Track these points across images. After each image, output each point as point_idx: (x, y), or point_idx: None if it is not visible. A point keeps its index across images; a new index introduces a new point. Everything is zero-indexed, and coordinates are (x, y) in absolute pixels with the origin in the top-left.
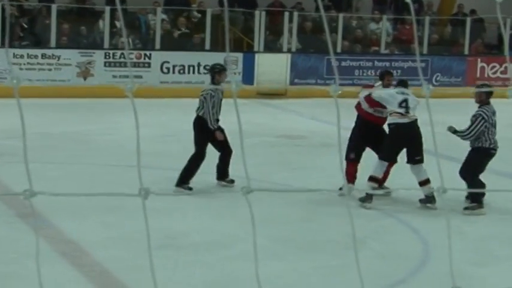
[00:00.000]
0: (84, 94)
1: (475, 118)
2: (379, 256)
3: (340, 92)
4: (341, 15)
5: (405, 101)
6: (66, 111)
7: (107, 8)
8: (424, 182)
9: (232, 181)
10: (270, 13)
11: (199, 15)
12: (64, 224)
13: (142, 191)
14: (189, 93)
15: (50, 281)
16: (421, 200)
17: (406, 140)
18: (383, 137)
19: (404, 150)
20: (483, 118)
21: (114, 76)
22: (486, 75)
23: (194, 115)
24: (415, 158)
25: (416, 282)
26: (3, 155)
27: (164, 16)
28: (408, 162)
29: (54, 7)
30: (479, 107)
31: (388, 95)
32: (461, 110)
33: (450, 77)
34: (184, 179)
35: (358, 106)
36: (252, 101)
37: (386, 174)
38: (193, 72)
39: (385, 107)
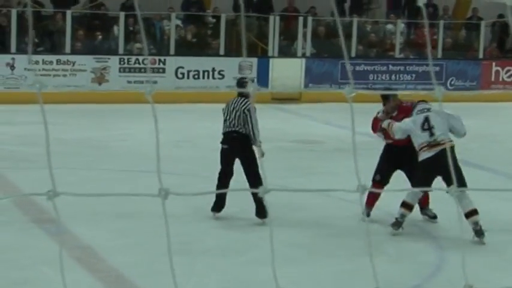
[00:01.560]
0: (99, 100)
1: None
2: (394, 261)
3: (354, 94)
4: (355, 20)
5: (426, 120)
6: (81, 117)
7: (122, 14)
8: (470, 214)
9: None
10: (284, 18)
11: (214, 20)
12: (79, 230)
13: (162, 192)
14: (204, 98)
15: (67, 286)
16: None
17: (437, 170)
18: (412, 159)
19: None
20: None
21: (129, 82)
22: (501, 79)
23: (210, 121)
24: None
25: None
26: (19, 161)
27: (179, 22)
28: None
29: (69, 13)
30: None
31: (409, 122)
32: (477, 114)
33: (465, 81)
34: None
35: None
36: (266, 106)
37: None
38: (208, 78)
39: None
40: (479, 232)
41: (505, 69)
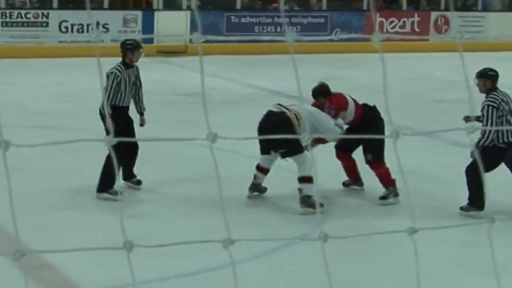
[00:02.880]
0: None
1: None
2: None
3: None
4: None
5: None
6: None
7: None
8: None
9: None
10: None
11: None
12: None
13: (2, 144)
14: (88, 52)
15: None
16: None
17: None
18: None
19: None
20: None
21: (12, 36)
22: (385, 30)
23: (94, 74)
24: (278, 150)
25: None
26: None
27: None
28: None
29: None
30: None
31: None
32: (360, 65)
33: (349, 32)
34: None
35: None
36: (152, 59)
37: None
38: (92, 31)
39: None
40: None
41: (389, 20)
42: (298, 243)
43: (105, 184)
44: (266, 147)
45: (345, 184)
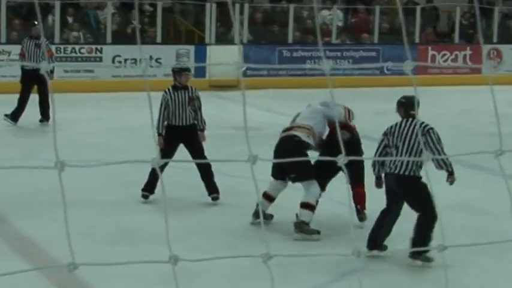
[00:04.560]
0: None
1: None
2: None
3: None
4: (292, 6)
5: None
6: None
7: (57, 3)
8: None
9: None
10: (221, 5)
11: (151, 8)
12: (17, 221)
13: (58, 164)
14: (141, 86)
15: (6, 278)
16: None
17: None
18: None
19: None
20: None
21: (66, 71)
22: (437, 63)
23: (147, 108)
24: (290, 175)
25: None
26: None
27: (114, 10)
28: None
29: (3, 2)
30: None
31: None
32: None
33: (401, 66)
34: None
35: None
36: (204, 94)
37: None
38: (151, 66)
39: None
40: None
41: (441, 53)
42: (347, 277)
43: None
44: (280, 172)
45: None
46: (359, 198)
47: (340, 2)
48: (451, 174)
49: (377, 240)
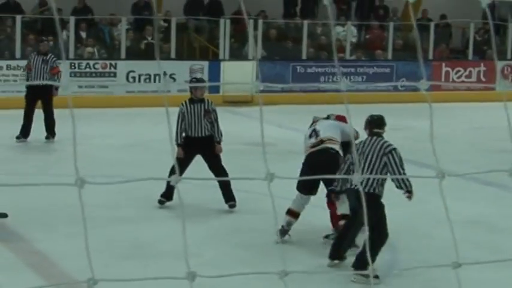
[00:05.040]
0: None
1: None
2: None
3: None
4: (306, 22)
5: (314, 130)
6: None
7: (72, 18)
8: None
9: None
10: (235, 21)
11: (166, 24)
12: (32, 236)
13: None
14: (156, 102)
15: None
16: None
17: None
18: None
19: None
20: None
21: (80, 86)
22: (451, 80)
23: (161, 124)
24: (329, 188)
25: None
26: None
27: (128, 26)
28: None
29: (18, 18)
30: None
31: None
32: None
33: (416, 82)
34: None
35: None
36: (218, 109)
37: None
38: (159, 81)
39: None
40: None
41: (455, 69)
42: None
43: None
44: (312, 186)
45: (327, 237)
46: (335, 218)
47: (354, 18)
48: (409, 192)
49: (340, 251)
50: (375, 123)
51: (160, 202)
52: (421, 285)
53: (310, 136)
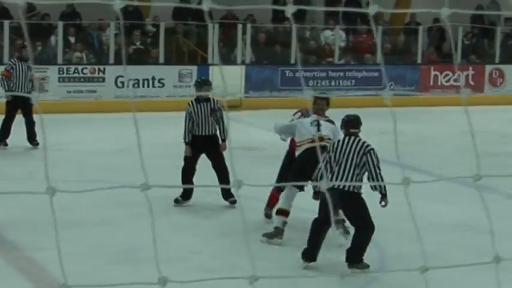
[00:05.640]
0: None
1: None
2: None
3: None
4: (294, 27)
5: (316, 120)
6: (20, 126)
7: (60, 23)
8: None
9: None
10: (223, 25)
11: (154, 29)
12: (20, 240)
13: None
14: (144, 106)
15: None
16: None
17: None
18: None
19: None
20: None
21: (69, 91)
22: (439, 83)
23: (149, 129)
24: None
25: None
26: None
27: (116, 31)
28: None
29: (6, 23)
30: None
31: (290, 122)
32: (416, 119)
33: (404, 86)
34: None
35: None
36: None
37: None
38: (148, 86)
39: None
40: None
41: (444, 73)
42: None
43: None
44: (304, 180)
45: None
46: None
47: (342, 23)
48: (384, 197)
49: (315, 252)
50: (351, 124)
51: (175, 201)
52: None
53: (312, 124)
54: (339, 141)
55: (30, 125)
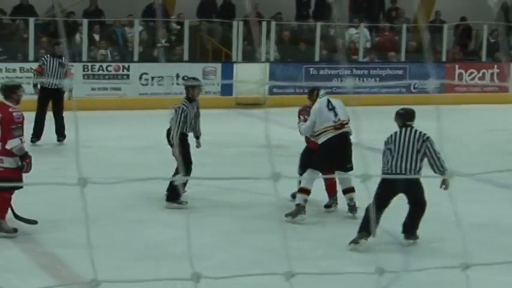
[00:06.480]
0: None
1: None
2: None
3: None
4: (319, 24)
5: (329, 101)
6: (46, 124)
7: (85, 21)
8: (347, 190)
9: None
10: (248, 23)
11: (179, 26)
12: (44, 237)
13: (81, 181)
14: (169, 104)
15: None
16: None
17: (340, 150)
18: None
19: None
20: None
21: (93, 88)
22: (464, 81)
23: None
24: (348, 165)
25: None
26: None
27: (141, 28)
28: (338, 169)
29: (32, 20)
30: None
31: (312, 114)
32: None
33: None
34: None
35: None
36: (231, 111)
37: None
38: (172, 83)
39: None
40: (352, 208)
41: (468, 71)
42: None
43: (173, 195)
44: (333, 164)
45: (326, 206)
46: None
47: (367, 21)
48: (446, 180)
49: (366, 233)
50: (407, 117)
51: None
52: (432, 286)
53: (330, 110)
54: (396, 133)
55: (59, 120)
